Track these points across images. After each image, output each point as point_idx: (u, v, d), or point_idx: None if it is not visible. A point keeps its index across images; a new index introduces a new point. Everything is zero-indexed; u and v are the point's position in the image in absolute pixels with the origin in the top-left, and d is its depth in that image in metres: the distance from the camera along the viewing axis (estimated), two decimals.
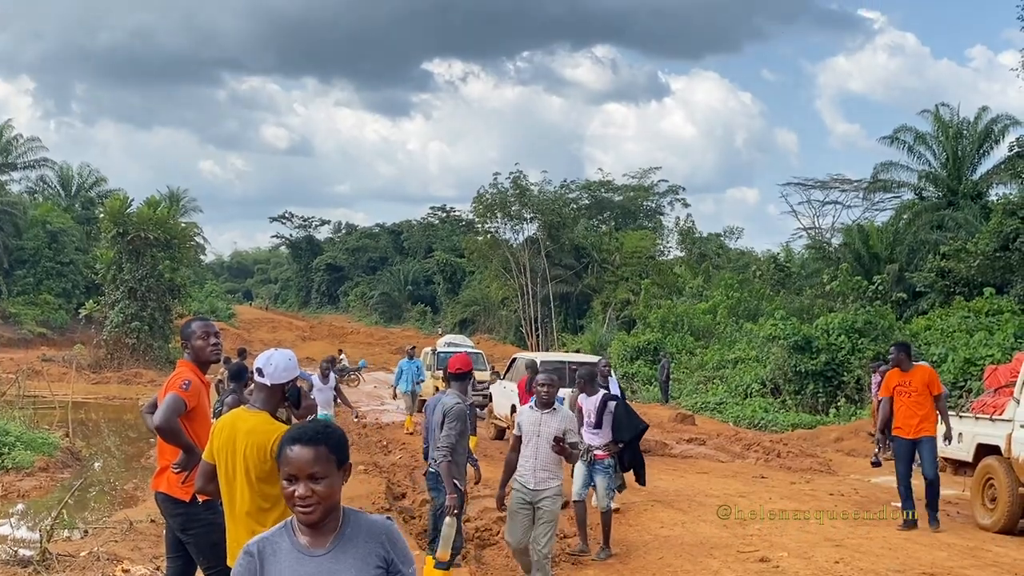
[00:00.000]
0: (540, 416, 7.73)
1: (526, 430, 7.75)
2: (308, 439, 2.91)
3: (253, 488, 4.41)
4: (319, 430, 2.97)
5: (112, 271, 41.23)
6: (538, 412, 7.77)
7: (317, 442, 2.91)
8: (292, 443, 2.92)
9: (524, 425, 7.79)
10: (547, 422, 7.66)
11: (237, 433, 4.49)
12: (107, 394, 33.66)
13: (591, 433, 9.76)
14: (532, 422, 7.72)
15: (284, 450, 2.93)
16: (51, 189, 63.43)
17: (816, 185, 48.62)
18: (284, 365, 4.63)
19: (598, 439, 9.79)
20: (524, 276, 59.02)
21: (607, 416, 9.85)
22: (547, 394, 7.75)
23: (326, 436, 2.95)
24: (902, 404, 10.88)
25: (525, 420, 7.81)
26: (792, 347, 26.77)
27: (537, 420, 7.73)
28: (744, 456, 19.08)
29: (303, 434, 2.94)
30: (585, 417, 9.86)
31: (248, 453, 4.42)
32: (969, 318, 26.13)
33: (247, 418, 4.55)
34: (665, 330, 38.54)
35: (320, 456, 2.90)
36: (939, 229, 34.66)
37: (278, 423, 4.50)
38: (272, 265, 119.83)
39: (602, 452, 9.76)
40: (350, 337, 66.61)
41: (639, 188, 70.28)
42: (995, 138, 37.09)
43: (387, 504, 12.09)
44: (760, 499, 12.72)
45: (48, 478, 16.26)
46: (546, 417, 7.70)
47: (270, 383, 4.59)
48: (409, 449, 18.25)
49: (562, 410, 7.93)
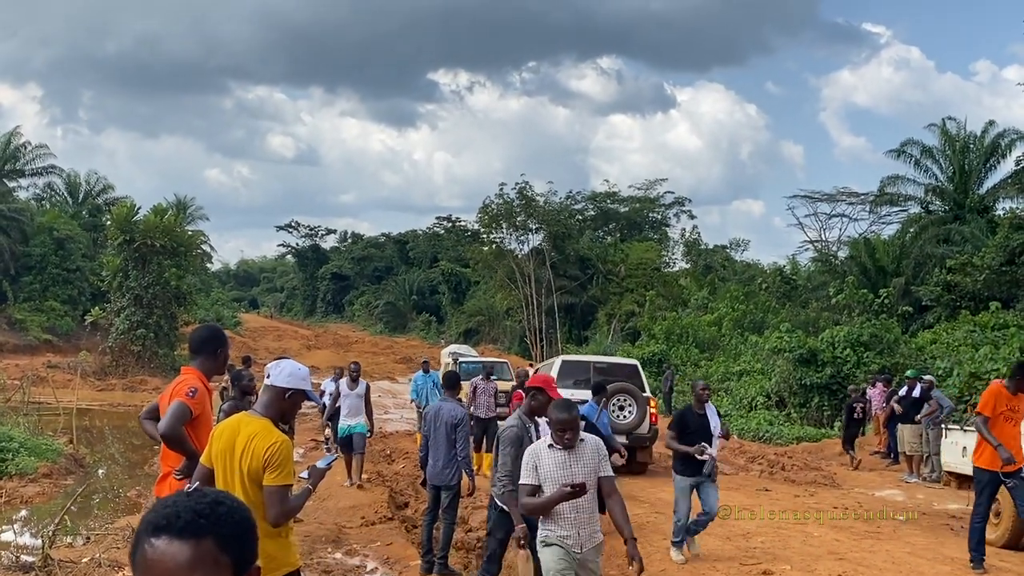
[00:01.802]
0: (565, 457, 5.76)
1: (552, 477, 5.73)
2: (181, 528, 1.72)
3: (249, 493, 4.42)
4: (202, 510, 1.75)
5: (118, 278, 41.30)
6: (561, 451, 5.77)
7: (197, 533, 1.71)
8: (154, 533, 1.72)
9: (547, 471, 5.77)
10: (576, 461, 5.75)
11: (237, 437, 4.50)
12: (112, 401, 33.70)
13: None
14: (557, 465, 5.74)
15: (140, 546, 1.73)
16: (58, 196, 63.56)
17: (823, 198, 48.72)
18: (290, 370, 4.64)
19: None
20: (529, 286, 59.05)
21: None
22: (570, 439, 5.72)
23: (214, 521, 1.74)
24: (1004, 430, 9.37)
25: (547, 464, 5.78)
26: (797, 360, 26.73)
27: (563, 462, 5.75)
28: (748, 469, 19.04)
29: (173, 518, 1.73)
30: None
31: (244, 457, 4.43)
32: (975, 332, 26.07)
33: (248, 422, 4.56)
34: (670, 342, 38.50)
35: (198, 559, 1.71)
36: (945, 243, 34.64)
37: (278, 431, 4.51)
38: (278, 274, 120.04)
39: None
40: (355, 346, 66.63)
41: (645, 200, 70.35)
42: (1002, 152, 37.10)
43: (389, 514, 12.07)
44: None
45: (51, 484, 16.29)
46: (573, 456, 5.75)
47: (272, 383, 4.61)
48: (413, 458, 18.22)
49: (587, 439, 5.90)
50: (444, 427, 9.02)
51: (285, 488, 4.36)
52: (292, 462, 4.42)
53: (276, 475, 4.34)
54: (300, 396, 4.65)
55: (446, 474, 9.05)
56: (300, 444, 18.85)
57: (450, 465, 9.05)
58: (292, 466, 4.40)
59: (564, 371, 16.64)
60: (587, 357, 20.62)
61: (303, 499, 4.58)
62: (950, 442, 12.42)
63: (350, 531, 11.23)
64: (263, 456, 4.35)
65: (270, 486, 4.34)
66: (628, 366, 17.75)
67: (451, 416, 9.03)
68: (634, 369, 17.23)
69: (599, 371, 16.46)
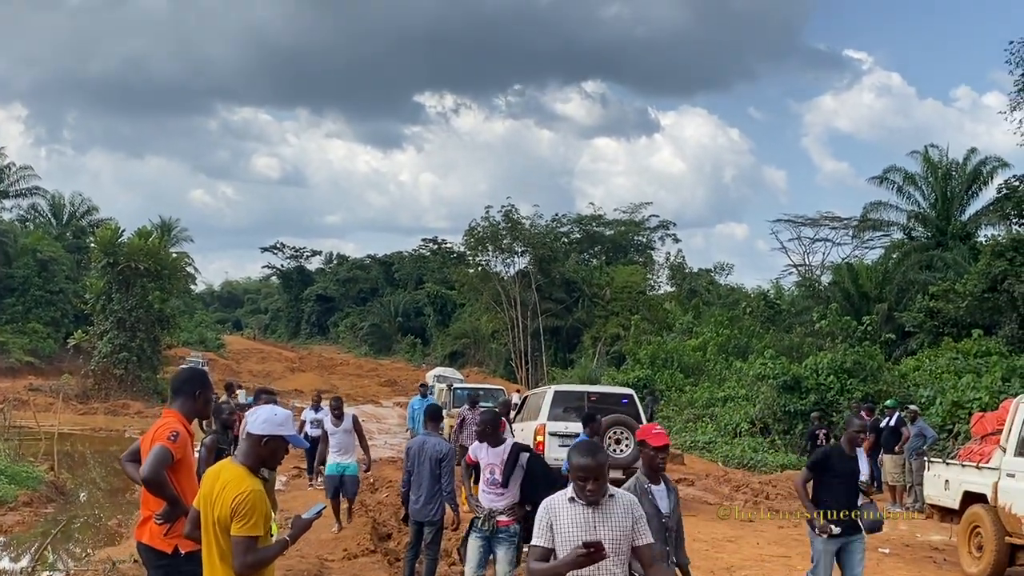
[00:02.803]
0: (589, 515, 4.58)
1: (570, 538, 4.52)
2: None
3: (220, 541, 4.42)
4: None
5: (102, 301, 41.14)
6: (584, 507, 4.59)
7: None
8: None
9: (565, 531, 4.58)
10: (603, 520, 4.58)
11: (215, 484, 4.50)
12: (94, 425, 33.47)
13: (494, 494, 8.07)
14: (577, 524, 4.57)
15: None
16: (42, 217, 63.37)
17: (806, 222, 49.01)
18: (265, 416, 4.60)
19: (503, 501, 8.04)
20: (515, 309, 59.07)
21: (518, 471, 8.06)
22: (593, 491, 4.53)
23: None
24: None
25: (565, 522, 4.60)
26: (781, 386, 26.79)
27: (586, 520, 4.58)
28: (732, 498, 19.02)
29: None
30: (485, 473, 8.19)
31: (216, 505, 4.43)
32: (958, 359, 26.19)
33: (227, 469, 4.56)
34: (655, 366, 38.52)
35: None
36: (928, 269, 34.85)
37: (252, 480, 4.46)
38: (263, 295, 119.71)
39: (507, 518, 8.00)
40: (339, 368, 66.49)
41: (630, 223, 70.55)
42: (983, 180, 37.44)
43: (372, 546, 12.00)
44: (748, 544, 12.69)
45: (32, 513, 16.14)
46: (598, 515, 4.59)
47: (248, 431, 4.60)
48: (396, 487, 18.13)
49: (619, 495, 4.74)
50: (428, 462, 8.93)
51: (251, 539, 4.34)
52: (263, 513, 4.36)
53: (242, 525, 4.32)
54: (278, 442, 4.60)
55: (429, 509, 8.97)
56: (283, 472, 18.76)
57: (433, 500, 8.93)
58: (262, 517, 4.35)
59: (556, 401, 16.10)
60: (580, 387, 19.84)
61: (276, 551, 4.50)
62: (932, 475, 12.44)
63: (332, 564, 11.15)
64: (231, 505, 4.35)
65: (236, 536, 4.33)
66: (623, 396, 16.85)
67: (436, 451, 8.95)
68: (629, 399, 16.44)
69: (592, 401, 15.84)
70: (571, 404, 16.08)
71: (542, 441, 15.27)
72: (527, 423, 16.71)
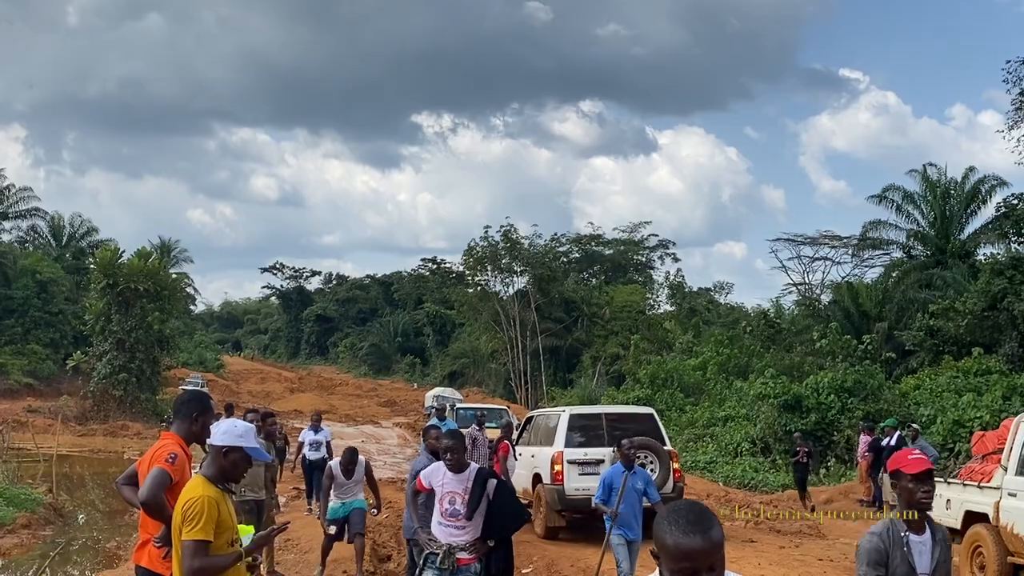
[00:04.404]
0: None
1: None
2: None
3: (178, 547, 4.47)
4: None
5: (101, 322, 41.13)
6: None
7: None
8: None
9: None
10: None
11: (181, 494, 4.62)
12: (92, 447, 33.40)
13: (454, 527, 7.00)
14: None
15: None
16: (42, 239, 63.46)
17: (806, 241, 49.01)
18: (225, 428, 4.70)
19: (465, 535, 7.00)
20: (514, 329, 59.07)
21: (483, 501, 7.03)
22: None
23: None
24: None
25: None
26: (782, 406, 26.73)
27: None
28: (733, 519, 18.93)
29: None
30: (443, 503, 7.06)
31: (176, 511, 4.52)
32: (958, 378, 26.15)
33: (191, 480, 4.69)
34: (655, 386, 38.45)
35: None
36: (928, 288, 34.84)
37: (206, 487, 4.48)
38: (262, 315, 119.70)
39: (468, 555, 6.96)
40: (338, 389, 66.38)
41: (629, 242, 70.64)
42: (982, 198, 37.48)
43: (371, 567, 11.95)
44: (749, 565, 12.62)
45: (30, 535, 16.11)
46: None
47: (209, 443, 4.68)
48: (396, 508, 18.06)
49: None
50: None
51: (199, 543, 4.35)
52: (212, 518, 4.36)
53: (188, 529, 4.36)
54: (239, 453, 4.62)
55: None
56: (282, 492, 18.68)
57: None
58: (210, 522, 4.35)
59: (573, 425, 14.78)
60: (596, 408, 18.32)
61: (229, 560, 4.48)
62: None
63: None
64: (181, 510, 4.43)
65: (184, 539, 4.38)
66: (644, 416, 15.62)
67: None
68: (651, 419, 15.19)
69: (612, 423, 14.72)
70: (589, 427, 14.88)
71: (560, 471, 14.14)
72: (537, 448, 15.56)
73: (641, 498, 9.49)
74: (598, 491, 9.58)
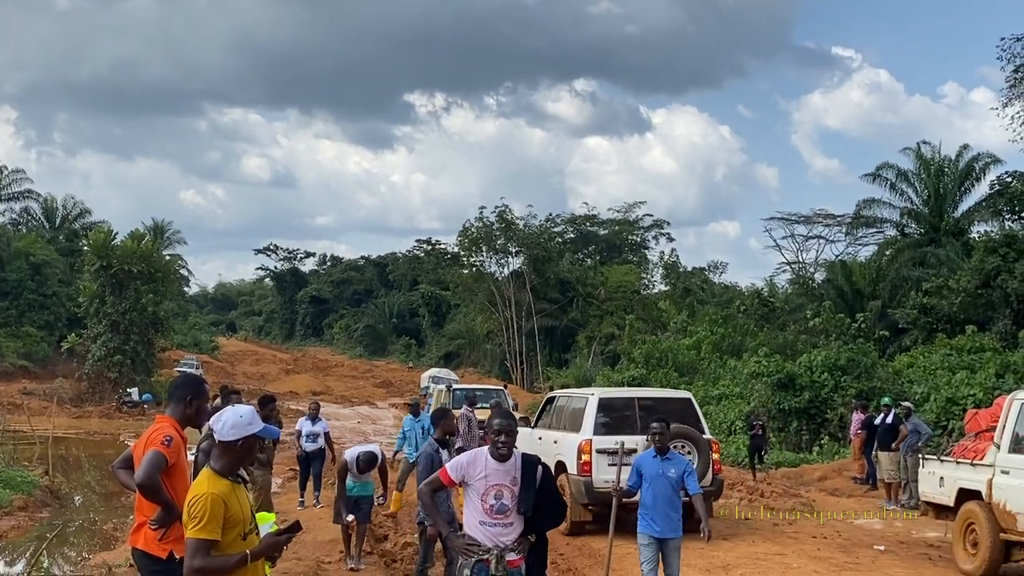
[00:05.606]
0: None
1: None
2: None
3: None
4: None
5: (95, 304, 41.10)
6: None
7: None
8: None
9: None
10: None
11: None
12: (88, 429, 33.43)
13: (501, 524, 5.92)
14: None
15: None
16: (35, 221, 63.34)
17: (800, 220, 49.07)
18: (232, 422, 4.54)
19: (512, 533, 5.96)
20: (509, 310, 59.10)
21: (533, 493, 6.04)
22: None
23: None
24: None
25: None
26: (776, 384, 26.78)
27: None
28: (727, 496, 19.01)
29: None
30: (487, 498, 5.94)
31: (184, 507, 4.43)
32: (951, 356, 26.22)
33: (200, 475, 4.56)
34: (650, 366, 38.51)
35: None
36: (921, 266, 34.91)
37: (213, 483, 4.38)
38: (256, 297, 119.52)
39: (516, 555, 5.95)
40: (334, 370, 66.43)
41: (624, 222, 70.61)
42: (976, 176, 37.49)
43: (369, 548, 11.99)
44: (744, 543, 12.69)
45: (27, 517, 16.14)
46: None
47: (219, 439, 4.56)
48: (392, 490, 18.09)
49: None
50: None
51: (201, 542, 4.26)
52: (217, 517, 4.27)
53: (192, 527, 4.29)
54: (252, 439, 4.57)
55: None
56: (279, 474, 18.73)
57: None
58: (216, 522, 4.26)
59: (602, 411, 13.37)
60: (627, 391, 16.73)
61: (231, 563, 4.34)
62: (927, 472, 12.44)
63: (329, 567, 11.15)
64: (187, 507, 4.35)
65: (187, 537, 4.31)
66: (680, 401, 14.16)
67: None
68: (689, 404, 13.81)
69: (645, 408, 13.25)
70: (619, 413, 13.54)
71: (588, 460, 12.84)
72: (560, 434, 14.15)
73: (676, 488, 8.18)
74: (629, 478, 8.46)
